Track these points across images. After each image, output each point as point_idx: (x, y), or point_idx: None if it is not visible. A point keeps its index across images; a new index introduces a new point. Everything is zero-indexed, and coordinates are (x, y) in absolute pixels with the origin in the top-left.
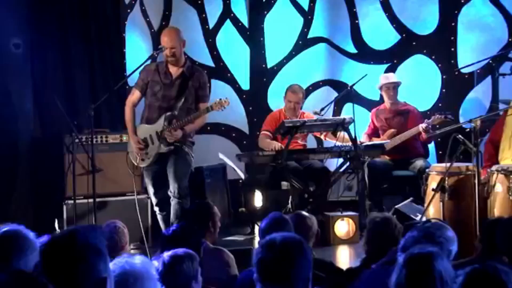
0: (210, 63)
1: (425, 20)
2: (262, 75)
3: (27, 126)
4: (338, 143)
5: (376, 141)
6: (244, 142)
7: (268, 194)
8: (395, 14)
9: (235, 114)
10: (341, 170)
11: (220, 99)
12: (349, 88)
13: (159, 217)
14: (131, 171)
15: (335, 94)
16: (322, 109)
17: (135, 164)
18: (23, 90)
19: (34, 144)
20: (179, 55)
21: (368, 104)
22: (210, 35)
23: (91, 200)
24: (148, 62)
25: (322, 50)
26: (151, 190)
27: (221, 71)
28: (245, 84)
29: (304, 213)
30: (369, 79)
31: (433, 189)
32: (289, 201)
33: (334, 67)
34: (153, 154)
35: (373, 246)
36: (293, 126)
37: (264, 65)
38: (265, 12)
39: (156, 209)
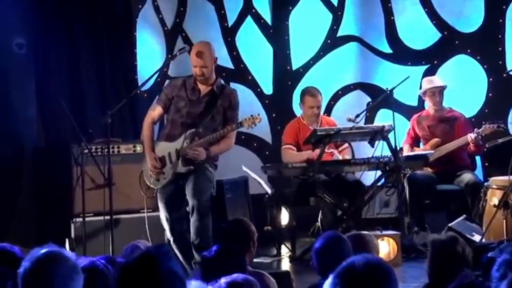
0: (229, 64)
1: (469, 16)
2: (286, 77)
3: (30, 135)
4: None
5: (418, 151)
6: (267, 152)
7: (295, 211)
8: (435, 10)
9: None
10: (379, 183)
11: (252, 115)
12: (388, 92)
13: (173, 246)
14: (143, 192)
15: (367, 99)
16: (357, 116)
17: (149, 184)
18: (25, 94)
19: (38, 155)
20: (209, 74)
21: (405, 110)
22: (229, 34)
23: (101, 218)
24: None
25: (353, 50)
26: (164, 214)
27: (241, 74)
28: (267, 88)
29: (364, 232)
30: (405, 82)
31: (494, 206)
32: (319, 219)
33: (366, 69)
34: (170, 173)
35: (438, 269)
36: (327, 134)
37: (288, 67)
38: (290, 7)
39: (170, 237)
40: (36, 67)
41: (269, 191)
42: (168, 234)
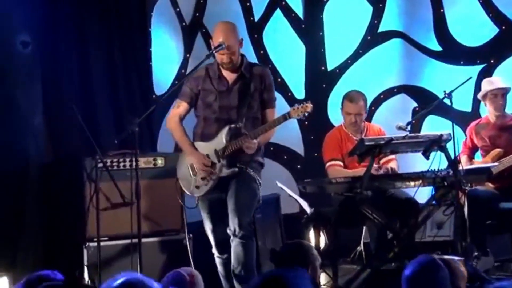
0: None
1: None
2: (320, 80)
3: (36, 146)
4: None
5: (477, 164)
6: (298, 166)
7: (334, 233)
8: (492, 1)
9: (287, 131)
10: (433, 201)
11: (302, 103)
12: (446, 95)
13: (218, 261)
14: (182, 201)
15: (413, 104)
16: (409, 124)
17: (188, 193)
18: (31, 99)
19: (45, 170)
20: (236, 59)
21: (456, 117)
22: (255, 29)
23: (119, 242)
24: (206, 62)
25: (397, 48)
26: (208, 225)
27: None
28: (299, 92)
29: (449, 257)
30: (456, 84)
31: None
32: (361, 242)
33: (412, 69)
34: (213, 179)
35: None
36: (376, 145)
37: (323, 67)
38: None
39: (215, 251)
40: (43, 68)
41: (309, 210)
42: (213, 247)
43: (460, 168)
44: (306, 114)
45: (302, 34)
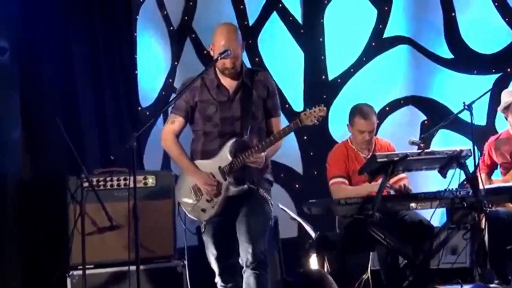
0: None
1: None
2: (321, 90)
3: (14, 164)
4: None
5: (496, 183)
6: (297, 185)
7: (342, 258)
8: (509, 4)
9: (284, 146)
10: (450, 224)
11: (314, 107)
12: (465, 107)
13: None
14: (184, 225)
15: (422, 117)
16: (423, 138)
17: (193, 218)
18: (9, 112)
19: (24, 189)
20: (239, 64)
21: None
22: (250, 34)
23: (105, 270)
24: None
25: (404, 55)
26: (212, 252)
27: None
28: (297, 103)
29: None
30: (469, 95)
31: None
32: (369, 268)
33: (420, 78)
34: (219, 199)
35: None
36: (389, 161)
37: (323, 76)
38: (326, 1)
39: (218, 280)
40: (22, 78)
41: (313, 234)
42: (216, 276)
43: (481, 187)
44: (320, 119)
45: (301, 39)
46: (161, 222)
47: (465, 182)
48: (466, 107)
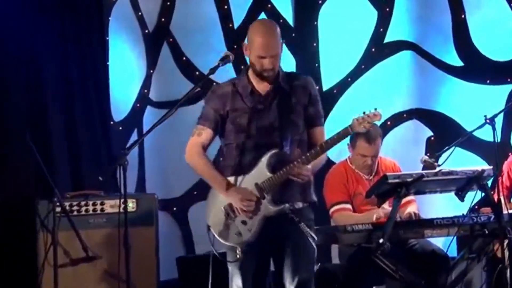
0: None
1: None
2: None
3: None
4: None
5: None
6: None
7: None
8: None
9: None
10: (469, 254)
11: (369, 111)
12: (487, 121)
13: None
14: (216, 252)
15: (427, 132)
16: (439, 156)
17: (225, 242)
18: None
19: None
20: (278, 66)
21: (481, 148)
22: (235, 39)
23: None
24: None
25: (407, 62)
26: (238, 284)
27: None
28: None
29: None
30: (481, 108)
31: None
32: None
33: (426, 88)
34: (257, 221)
35: None
36: (402, 183)
37: (317, 86)
38: (320, 1)
39: None
40: None
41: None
42: None
43: (505, 212)
44: (372, 126)
45: (292, 45)
46: (142, 252)
47: (476, 207)
48: (488, 121)
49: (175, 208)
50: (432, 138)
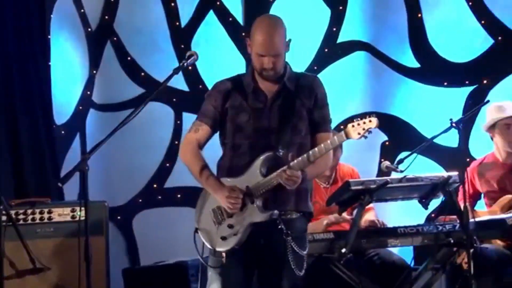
0: (182, 85)
1: None
2: None
3: None
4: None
5: (483, 215)
6: None
7: None
8: (485, 4)
9: None
10: (433, 264)
11: (362, 118)
12: (453, 125)
13: None
14: (202, 260)
15: (382, 137)
16: (400, 162)
17: (210, 247)
18: None
19: None
20: (281, 66)
21: (438, 154)
22: (182, 38)
23: None
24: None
25: (361, 63)
26: None
27: (199, 98)
28: None
29: None
30: (438, 111)
31: None
32: None
33: (380, 91)
34: (244, 226)
35: None
36: (365, 190)
37: None
38: None
39: None
40: None
41: None
42: None
43: (472, 220)
44: (368, 133)
45: (242, 44)
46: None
47: (432, 215)
48: (454, 124)
49: (119, 217)
50: (387, 142)
